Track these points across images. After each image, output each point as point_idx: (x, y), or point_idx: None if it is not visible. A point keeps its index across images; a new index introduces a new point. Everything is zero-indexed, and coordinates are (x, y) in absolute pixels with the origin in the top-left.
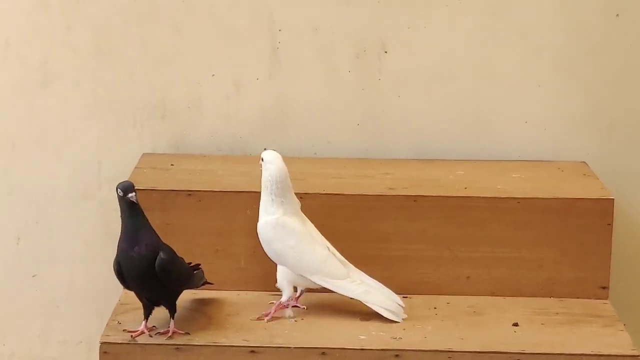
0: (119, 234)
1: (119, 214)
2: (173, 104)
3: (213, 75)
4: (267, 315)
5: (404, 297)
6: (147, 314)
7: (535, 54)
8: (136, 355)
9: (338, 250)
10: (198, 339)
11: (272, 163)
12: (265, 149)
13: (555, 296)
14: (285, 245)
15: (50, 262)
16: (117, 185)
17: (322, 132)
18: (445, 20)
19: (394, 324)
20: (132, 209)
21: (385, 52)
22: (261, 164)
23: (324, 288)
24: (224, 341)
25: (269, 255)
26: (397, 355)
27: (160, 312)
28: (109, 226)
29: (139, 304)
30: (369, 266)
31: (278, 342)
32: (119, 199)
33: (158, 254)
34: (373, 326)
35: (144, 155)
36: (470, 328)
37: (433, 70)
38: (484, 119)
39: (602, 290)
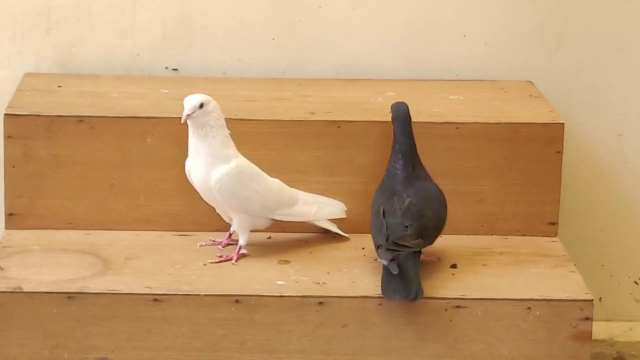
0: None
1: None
2: (59, 14)
3: None
4: (230, 259)
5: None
6: None
7: None
8: (23, 305)
9: None
10: (93, 286)
11: (210, 100)
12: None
13: (498, 234)
14: (250, 190)
15: None
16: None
17: (232, 48)
18: None
19: (316, 268)
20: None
21: None
22: (195, 111)
23: None
24: (122, 288)
25: (225, 207)
26: (320, 303)
27: None
28: None
29: (24, 246)
30: None
31: (185, 289)
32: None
33: None
34: (293, 269)
35: (26, 75)
36: None
37: None
38: (417, 32)
39: (551, 227)
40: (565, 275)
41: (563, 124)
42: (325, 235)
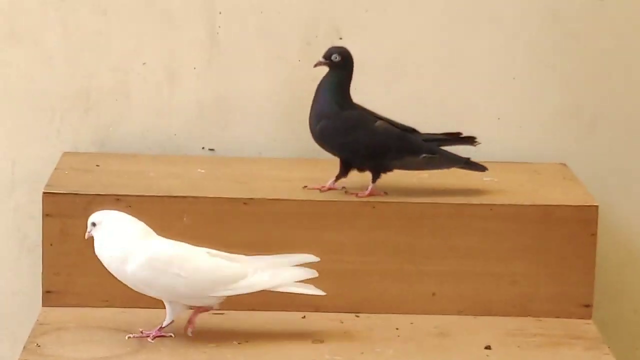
0: (35, 242)
1: (34, 220)
2: (98, 95)
3: (144, 63)
4: (148, 335)
5: (357, 315)
6: (338, 175)
7: (510, 42)
8: None
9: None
10: None
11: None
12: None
13: (532, 315)
14: (169, 276)
15: None
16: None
17: (268, 129)
18: (408, 2)
19: (350, 348)
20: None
21: (340, 38)
22: (90, 232)
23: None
24: None
25: (153, 296)
26: None
27: None
28: (24, 234)
29: (61, 324)
30: (321, 281)
31: None
32: None
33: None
34: (327, 349)
35: (65, 154)
36: (436, 352)
37: (394, 59)
38: (451, 114)
39: (585, 309)
40: (599, 358)
41: (597, 206)
42: (360, 316)
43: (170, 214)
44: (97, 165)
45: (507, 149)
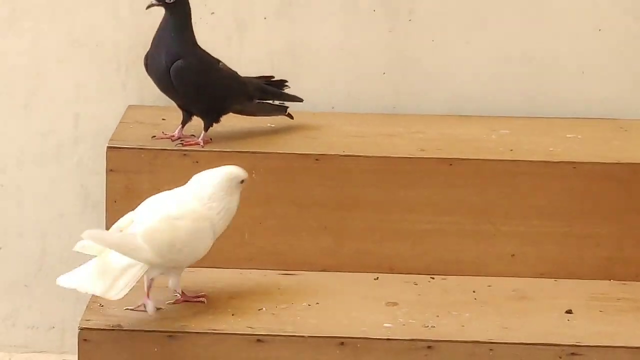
0: (99, 198)
1: (98, 176)
2: None
3: (212, 13)
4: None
5: (431, 277)
6: (184, 121)
7: None
8: (122, 343)
9: (358, 222)
10: (194, 325)
11: None
12: None
13: (616, 279)
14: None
15: (18, 233)
16: None
17: (342, 82)
18: None
19: (425, 311)
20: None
21: None
22: None
23: None
24: (224, 328)
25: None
26: (429, 347)
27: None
28: (87, 191)
29: None
30: (395, 241)
31: (289, 330)
32: None
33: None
34: (400, 312)
35: (130, 107)
36: (515, 315)
37: (473, 9)
38: (534, 68)
39: None
40: None
41: None
42: (435, 278)
43: None
44: (163, 119)
45: (591, 104)
